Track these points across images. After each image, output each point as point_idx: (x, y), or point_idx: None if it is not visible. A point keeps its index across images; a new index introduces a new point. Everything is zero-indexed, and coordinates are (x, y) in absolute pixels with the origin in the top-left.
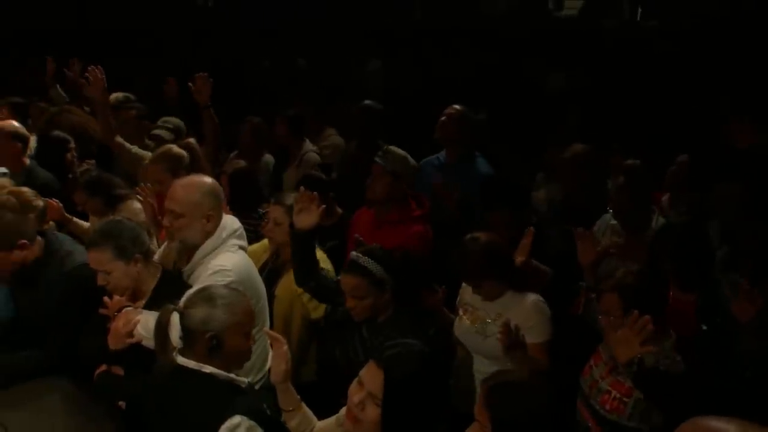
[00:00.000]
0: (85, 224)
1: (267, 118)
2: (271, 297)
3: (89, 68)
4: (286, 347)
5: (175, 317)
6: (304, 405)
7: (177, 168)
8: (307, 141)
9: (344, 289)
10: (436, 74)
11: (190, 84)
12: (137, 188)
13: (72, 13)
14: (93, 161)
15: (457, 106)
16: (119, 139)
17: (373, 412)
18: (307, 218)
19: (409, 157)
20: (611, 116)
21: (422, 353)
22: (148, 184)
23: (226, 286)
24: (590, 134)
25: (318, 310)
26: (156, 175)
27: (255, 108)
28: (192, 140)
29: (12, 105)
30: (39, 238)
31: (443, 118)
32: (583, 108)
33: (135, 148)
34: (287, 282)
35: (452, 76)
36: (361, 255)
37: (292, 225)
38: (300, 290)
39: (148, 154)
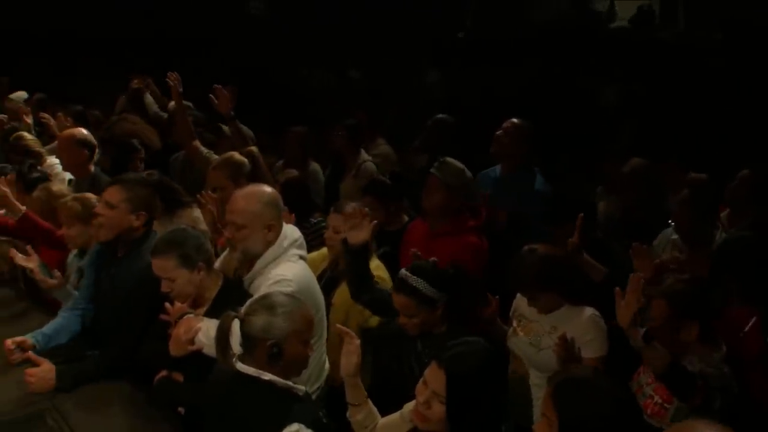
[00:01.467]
0: None
1: (319, 127)
2: (328, 305)
3: (168, 73)
4: (358, 341)
5: (236, 324)
6: (369, 401)
7: (238, 175)
8: (363, 151)
9: (396, 307)
10: (487, 86)
11: (211, 96)
12: (199, 195)
13: (127, 22)
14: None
15: (514, 120)
16: (196, 142)
17: (438, 410)
18: (359, 234)
19: (465, 170)
20: (667, 129)
21: (484, 350)
22: (209, 191)
23: (287, 294)
24: (646, 147)
25: (372, 320)
26: (217, 181)
27: (307, 117)
28: (254, 148)
29: (72, 113)
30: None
31: (499, 132)
32: (639, 121)
33: (209, 152)
34: (344, 290)
35: (504, 88)
36: (410, 274)
37: (345, 240)
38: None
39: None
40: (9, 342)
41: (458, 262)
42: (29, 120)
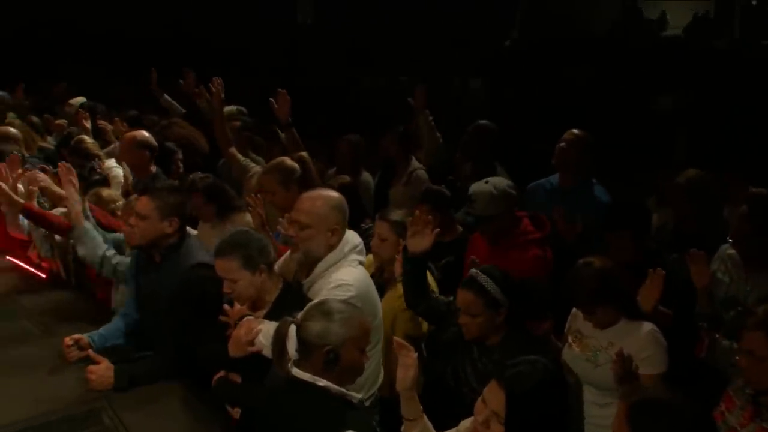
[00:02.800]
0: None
1: (370, 135)
2: None
3: (212, 79)
4: (415, 355)
5: (293, 329)
6: (424, 416)
7: (288, 180)
8: (414, 158)
9: (459, 304)
10: (535, 94)
11: (271, 100)
12: (246, 198)
13: (174, 29)
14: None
15: (575, 131)
16: (233, 149)
17: (497, 430)
18: (421, 242)
19: (507, 184)
20: (722, 139)
21: (544, 370)
22: (258, 195)
23: (344, 300)
24: (700, 157)
25: (420, 329)
26: (268, 185)
27: (357, 125)
28: (305, 153)
29: (128, 118)
30: (180, 233)
31: (562, 144)
32: (693, 130)
33: (245, 160)
34: (390, 298)
35: (554, 96)
36: (480, 273)
37: (405, 248)
38: (402, 307)
39: (254, 166)
40: (68, 339)
41: (522, 273)
42: (88, 124)
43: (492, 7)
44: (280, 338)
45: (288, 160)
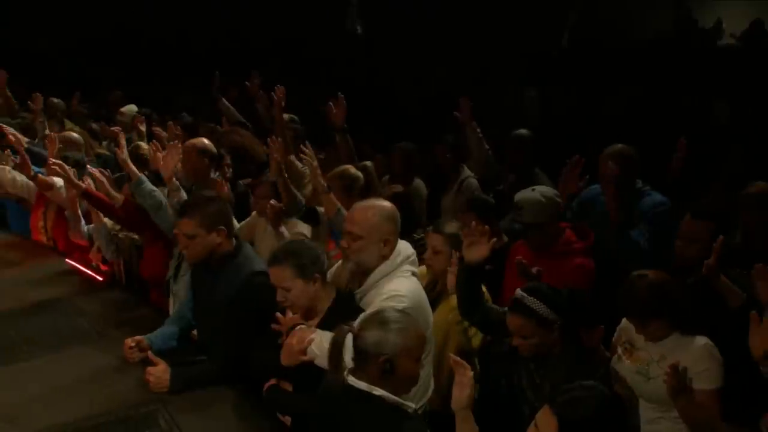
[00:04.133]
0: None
1: (421, 143)
2: None
3: (276, 87)
4: (471, 374)
5: (349, 338)
6: None
7: (351, 188)
8: (464, 167)
9: (510, 328)
10: (586, 105)
11: (329, 104)
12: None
13: (232, 37)
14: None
15: (618, 146)
16: (292, 156)
17: None
18: (478, 251)
19: (554, 192)
20: None
21: (599, 396)
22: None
23: (400, 310)
24: (757, 171)
25: (474, 340)
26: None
27: (408, 133)
28: (369, 163)
29: (183, 124)
30: (234, 239)
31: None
32: (749, 142)
33: (303, 167)
34: (443, 311)
35: (606, 106)
36: (526, 294)
37: (462, 258)
38: (456, 320)
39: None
40: (129, 341)
41: (564, 283)
42: (143, 128)
43: (541, 16)
44: (336, 347)
45: (352, 169)
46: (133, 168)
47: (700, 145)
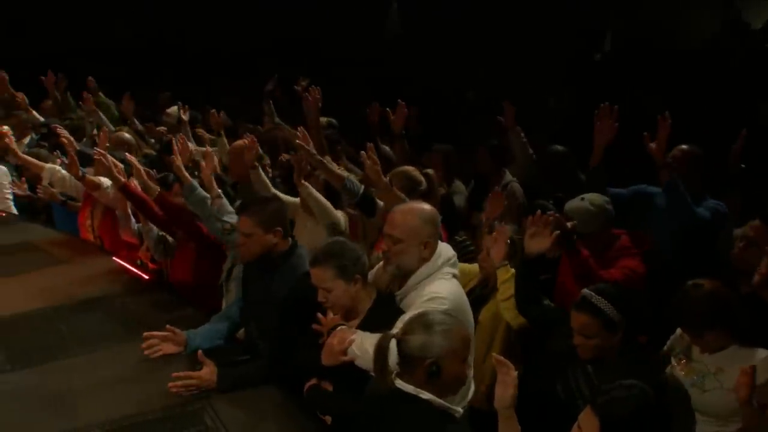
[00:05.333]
0: None
1: (462, 146)
2: (474, 323)
3: (311, 87)
4: (515, 373)
5: (393, 343)
6: None
7: (412, 189)
8: (507, 172)
9: (573, 326)
10: (632, 106)
11: (388, 110)
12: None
13: (270, 42)
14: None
15: (684, 147)
16: (327, 157)
17: None
18: (540, 242)
19: (604, 200)
20: None
21: (641, 396)
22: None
23: (444, 312)
24: None
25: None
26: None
27: (450, 135)
28: (431, 170)
29: (225, 129)
30: (290, 239)
31: (669, 160)
32: None
33: (340, 168)
34: (491, 309)
35: (648, 109)
36: (594, 294)
37: (522, 249)
38: (504, 317)
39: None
40: (157, 334)
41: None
42: (186, 117)
43: (582, 20)
44: (381, 352)
45: (415, 171)
46: (186, 175)
47: (747, 146)
